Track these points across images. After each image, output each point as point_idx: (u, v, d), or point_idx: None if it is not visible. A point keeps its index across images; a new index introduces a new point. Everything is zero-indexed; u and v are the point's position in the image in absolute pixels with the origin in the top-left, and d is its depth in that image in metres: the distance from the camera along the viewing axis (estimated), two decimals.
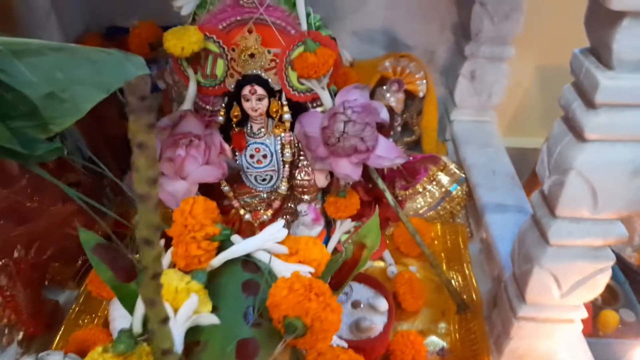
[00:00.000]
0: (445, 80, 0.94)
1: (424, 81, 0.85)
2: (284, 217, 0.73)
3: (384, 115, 0.63)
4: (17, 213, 0.58)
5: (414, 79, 0.85)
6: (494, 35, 0.82)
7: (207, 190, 0.70)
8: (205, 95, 0.68)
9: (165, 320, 0.24)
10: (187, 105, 0.65)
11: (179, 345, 0.32)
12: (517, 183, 0.76)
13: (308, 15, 0.62)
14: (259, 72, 0.63)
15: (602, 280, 0.51)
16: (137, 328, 0.37)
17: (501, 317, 0.61)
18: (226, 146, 0.64)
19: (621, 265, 0.98)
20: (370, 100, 0.64)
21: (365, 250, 0.46)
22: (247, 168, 0.66)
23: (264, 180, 0.68)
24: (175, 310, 0.33)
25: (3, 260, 0.58)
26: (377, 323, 0.59)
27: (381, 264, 0.77)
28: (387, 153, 0.66)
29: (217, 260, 0.38)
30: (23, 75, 0.39)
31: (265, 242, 0.40)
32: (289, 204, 0.72)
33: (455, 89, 0.88)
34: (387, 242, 0.81)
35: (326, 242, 0.75)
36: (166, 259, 0.40)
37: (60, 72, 0.40)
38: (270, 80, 0.63)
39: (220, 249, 0.41)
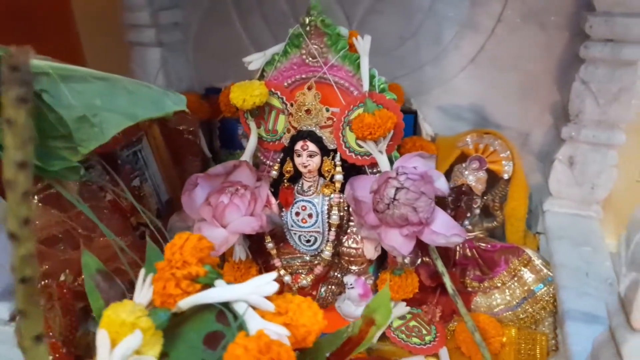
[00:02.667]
0: (542, 165, 0.84)
1: (511, 162, 0.76)
2: (329, 286, 0.67)
3: (440, 184, 0.56)
4: (70, 239, 0.62)
5: (499, 158, 0.76)
6: (599, 119, 0.71)
7: (257, 247, 0.68)
8: (267, 150, 0.68)
9: (40, 337, 0.21)
10: (246, 156, 0.66)
11: None
12: (615, 290, 0.62)
13: (373, 77, 0.61)
14: (314, 128, 0.61)
15: None
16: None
17: None
18: (273, 200, 0.63)
19: None
20: (428, 167, 0.59)
21: (373, 327, 0.39)
22: (292, 226, 0.63)
23: (308, 241, 0.64)
24: (114, 345, 0.30)
25: (46, 281, 0.60)
26: None
27: None
28: (444, 229, 0.58)
29: (185, 303, 0.34)
30: (66, 99, 0.42)
31: (250, 294, 0.36)
32: (335, 273, 0.67)
33: (550, 175, 0.78)
34: (448, 338, 0.69)
35: None
36: (148, 294, 0.37)
37: (99, 99, 0.43)
38: (324, 138, 0.61)
39: None
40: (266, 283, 0.37)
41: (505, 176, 0.77)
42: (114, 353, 0.29)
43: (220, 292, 0.35)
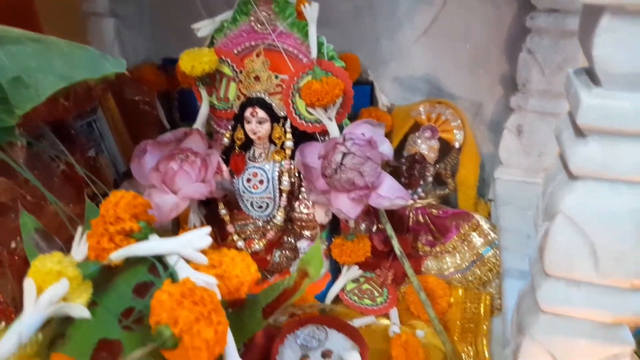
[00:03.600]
0: (493, 135, 0.86)
1: (462, 131, 0.78)
2: (283, 252, 0.69)
3: (384, 149, 0.58)
4: (19, 207, 0.61)
5: (450, 127, 0.79)
6: (545, 89, 0.74)
7: (212, 214, 0.69)
8: (219, 119, 0.68)
9: None
10: (198, 124, 0.66)
11: (30, 331, 0.29)
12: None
13: (321, 44, 0.61)
14: (263, 95, 0.62)
15: None
16: None
17: None
18: (224, 167, 0.63)
19: None
20: (376, 134, 0.60)
21: (307, 279, 0.40)
22: (243, 192, 0.64)
23: (260, 207, 0.65)
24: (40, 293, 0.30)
25: None
26: None
27: (386, 321, 0.69)
28: (389, 193, 0.60)
29: (116, 255, 0.35)
30: (0, 61, 0.42)
31: (183, 247, 0.37)
32: (289, 239, 0.68)
33: (500, 144, 0.80)
34: (399, 299, 0.72)
35: (329, 287, 0.69)
36: (83, 249, 0.38)
37: (34, 61, 0.43)
38: (274, 104, 0.62)
39: None
40: (199, 237, 0.38)
41: (457, 145, 0.79)
42: (39, 300, 0.30)
43: (151, 245, 0.36)
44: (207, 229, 0.38)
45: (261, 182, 0.63)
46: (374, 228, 0.77)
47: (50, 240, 0.41)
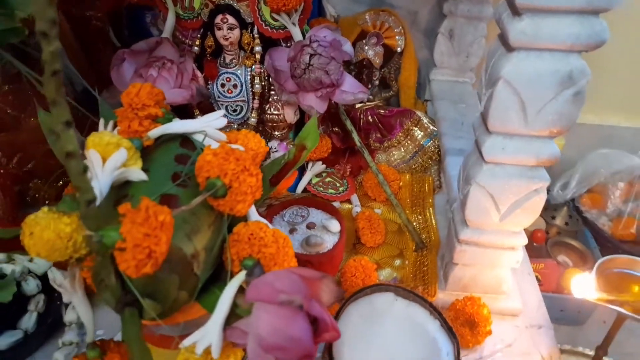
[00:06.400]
0: (428, 41, 0.96)
1: (403, 37, 0.88)
2: None
3: (347, 48, 0.66)
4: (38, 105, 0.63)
5: (393, 34, 0.87)
6: None
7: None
8: (184, 29, 0.71)
9: (69, 123, 0.28)
10: (166, 33, 0.69)
11: (104, 191, 0.35)
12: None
13: None
14: (231, 2, 0.66)
15: (539, 203, 0.53)
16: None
17: (449, 246, 0.63)
18: (199, 73, 0.68)
19: (594, 232, 0.99)
20: (337, 36, 0.67)
21: (305, 150, 0.49)
22: (218, 97, 0.70)
23: (234, 111, 0.71)
24: (104, 161, 0.36)
25: None
26: (326, 241, 0.62)
27: (348, 205, 0.80)
28: (351, 89, 0.68)
29: (154, 132, 0.41)
30: None
31: (205, 126, 0.43)
32: None
33: (434, 48, 0.90)
34: (357, 188, 0.83)
35: (297, 183, 0.79)
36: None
37: None
38: (242, 11, 0.67)
39: None
40: (216, 118, 0.45)
41: (399, 49, 0.88)
42: (106, 166, 0.36)
43: (181, 124, 0.42)
44: (222, 111, 0.45)
45: (235, 86, 0.69)
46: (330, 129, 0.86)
47: None
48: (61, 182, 0.76)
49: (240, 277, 0.39)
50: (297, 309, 0.34)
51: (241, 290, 0.39)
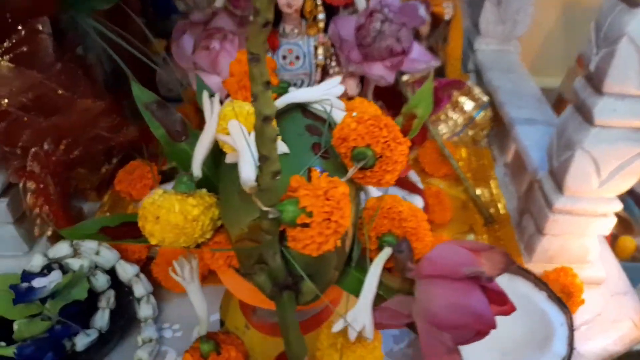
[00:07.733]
0: (471, 11, 0.93)
1: (451, 4, 0.84)
2: None
3: (422, 12, 0.62)
4: (49, 103, 0.57)
5: (440, 1, 0.84)
6: None
7: None
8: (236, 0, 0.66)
9: (268, 84, 0.24)
10: (219, 3, 0.64)
11: (255, 161, 0.32)
12: (545, 102, 0.76)
13: None
14: None
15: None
16: (197, 172, 0.37)
17: (534, 217, 0.61)
18: None
19: (635, 199, 0.99)
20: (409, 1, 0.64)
21: (416, 119, 0.45)
22: (279, 70, 0.65)
23: (294, 84, 0.67)
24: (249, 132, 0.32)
25: (35, 149, 0.56)
26: None
27: None
28: (421, 57, 0.65)
29: (279, 102, 0.37)
30: None
31: (325, 94, 0.40)
32: None
33: (480, 15, 0.88)
34: (412, 164, 0.81)
35: None
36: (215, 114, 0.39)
37: None
38: None
39: None
40: (334, 85, 0.41)
41: (447, 17, 0.85)
42: (252, 136, 0.32)
43: (303, 92, 0.39)
44: (339, 78, 0.41)
45: (297, 58, 0.65)
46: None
47: (166, 110, 0.41)
48: (104, 170, 0.71)
49: (386, 254, 0.36)
50: (472, 282, 0.31)
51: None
